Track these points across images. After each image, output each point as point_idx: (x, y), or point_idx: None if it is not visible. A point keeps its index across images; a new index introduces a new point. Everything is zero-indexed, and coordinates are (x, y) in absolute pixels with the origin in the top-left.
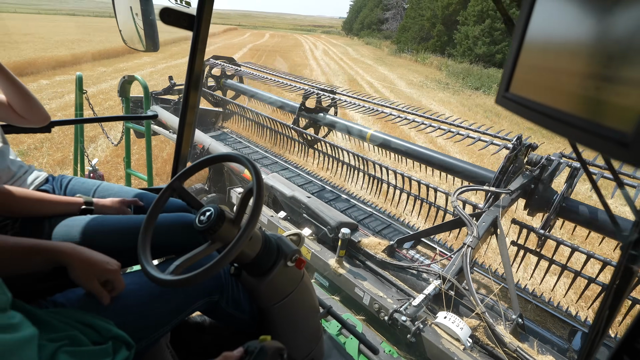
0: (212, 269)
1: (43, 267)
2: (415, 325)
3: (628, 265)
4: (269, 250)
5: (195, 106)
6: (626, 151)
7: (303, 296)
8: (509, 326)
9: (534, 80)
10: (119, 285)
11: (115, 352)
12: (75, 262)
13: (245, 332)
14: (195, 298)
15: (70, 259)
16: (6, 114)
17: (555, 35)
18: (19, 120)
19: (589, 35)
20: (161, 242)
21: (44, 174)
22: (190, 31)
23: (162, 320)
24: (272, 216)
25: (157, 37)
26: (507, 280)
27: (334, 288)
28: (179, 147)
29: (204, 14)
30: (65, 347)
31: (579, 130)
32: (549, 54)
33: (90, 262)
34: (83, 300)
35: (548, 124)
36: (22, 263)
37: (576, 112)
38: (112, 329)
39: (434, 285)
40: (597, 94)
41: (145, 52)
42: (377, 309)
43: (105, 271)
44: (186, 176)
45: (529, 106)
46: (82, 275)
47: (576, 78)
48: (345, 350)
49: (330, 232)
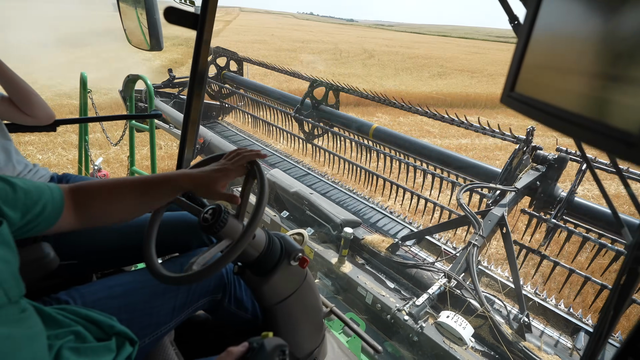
0: (216, 267)
1: (171, 197)
2: (418, 324)
3: (633, 266)
4: (272, 249)
5: (199, 105)
6: (632, 151)
7: (306, 295)
8: (514, 325)
9: (539, 79)
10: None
11: (119, 349)
12: (190, 186)
13: (248, 330)
14: (198, 296)
15: (186, 185)
16: (11, 112)
17: (561, 34)
18: (24, 119)
19: (595, 34)
20: (165, 240)
21: (48, 173)
22: (194, 30)
23: (166, 318)
24: (275, 216)
25: (161, 36)
26: (512, 279)
27: (337, 287)
28: (183, 143)
29: (208, 13)
30: (69, 343)
31: (584, 130)
32: (555, 52)
33: (200, 181)
34: (86, 298)
35: (554, 124)
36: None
37: (582, 112)
38: (115, 326)
39: (438, 284)
40: (603, 93)
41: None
42: (379, 308)
43: (217, 180)
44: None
45: (534, 105)
46: (203, 194)
47: (582, 77)
48: (348, 349)
49: (333, 229)
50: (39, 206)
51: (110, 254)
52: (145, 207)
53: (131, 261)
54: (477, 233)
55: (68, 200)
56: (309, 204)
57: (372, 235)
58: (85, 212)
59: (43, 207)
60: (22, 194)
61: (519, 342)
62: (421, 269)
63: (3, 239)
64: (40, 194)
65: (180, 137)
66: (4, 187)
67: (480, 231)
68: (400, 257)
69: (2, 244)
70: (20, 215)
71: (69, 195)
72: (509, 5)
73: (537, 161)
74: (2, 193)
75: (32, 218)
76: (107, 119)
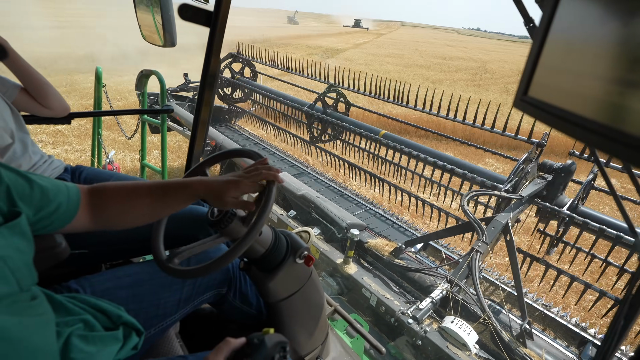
0: (223, 261)
1: (187, 204)
2: (421, 328)
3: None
4: (278, 246)
5: (210, 103)
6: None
7: (310, 293)
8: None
9: (554, 83)
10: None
11: (125, 338)
12: (205, 194)
13: (251, 325)
14: (204, 290)
15: (201, 192)
16: (28, 104)
17: (578, 37)
18: (41, 111)
19: (614, 38)
20: (173, 233)
21: (62, 164)
22: (208, 27)
23: (172, 310)
24: (282, 214)
25: (175, 33)
26: (515, 286)
27: (342, 287)
28: (192, 142)
29: (221, 11)
30: (78, 331)
31: (599, 136)
32: (571, 56)
33: (213, 190)
34: (96, 287)
35: (567, 129)
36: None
37: (597, 118)
38: (123, 315)
39: (441, 288)
40: (620, 99)
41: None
42: (383, 311)
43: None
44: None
45: (547, 110)
46: (215, 202)
47: (599, 82)
48: (351, 349)
49: (338, 232)
50: (53, 205)
51: (120, 245)
52: (160, 212)
53: (139, 253)
54: (481, 239)
55: (84, 201)
56: (316, 206)
57: (376, 239)
58: (101, 215)
59: (57, 206)
60: (39, 191)
61: (520, 349)
62: (424, 273)
63: (21, 229)
64: (56, 193)
65: (191, 133)
66: (21, 182)
67: (483, 238)
68: (404, 261)
69: (20, 234)
70: (33, 213)
71: (86, 196)
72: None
73: (543, 170)
74: (20, 188)
75: (45, 216)
76: (120, 113)
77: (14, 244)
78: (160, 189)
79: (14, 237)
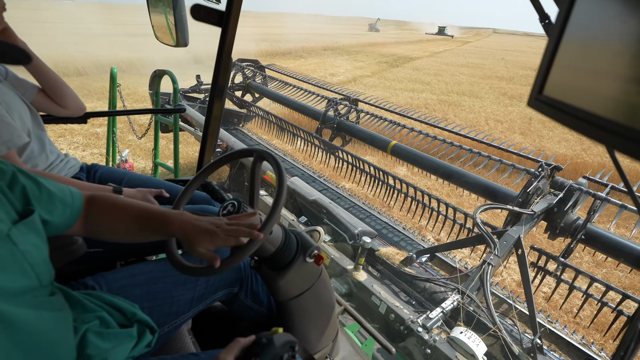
0: (234, 260)
1: (161, 238)
2: (430, 337)
3: None
4: (289, 245)
5: (222, 102)
6: None
7: (320, 292)
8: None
9: (570, 82)
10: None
11: (140, 336)
12: (179, 236)
13: (262, 324)
14: (216, 288)
15: (177, 233)
16: (46, 104)
17: (596, 35)
18: (58, 110)
19: (633, 35)
20: None
21: (78, 163)
22: (219, 27)
23: (185, 307)
24: (293, 220)
25: (187, 33)
26: (526, 300)
27: (350, 295)
28: (204, 142)
29: (233, 11)
30: (94, 328)
31: (617, 136)
32: (588, 55)
33: (188, 235)
34: (111, 284)
35: (584, 129)
36: (154, 233)
37: (615, 118)
38: (137, 313)
39: (452, 299)
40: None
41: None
42: (392, 319)
43: (201, 242)
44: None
45: (563, 110)
46: (188, 249)
47: (617, 81)
48: (361, 349)
49: (350, 239)
50: (58, 209)
51: (135, 243)
52: (138, 239)
53: (153, 251)
54: (493, 253)
55: (83, 209)
56: (327, 212)
57: (386, 248)
58: (93, 225)
59: (62, 212)
60: (46, 195)
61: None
62: (435, 283)
63: (35, 226)
64: (62, 198)
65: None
66: (30, 185)
67: (495, 251)
68: (414, 270)
69: (34, 231)
70: (43, 213)
71: (85, 205)
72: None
73: (555, 187)
74: (30, 190)
75: (50, 219)
76: (134, 112)
77: (31, 240)
78: (144, 218)
79: (30, 234)
